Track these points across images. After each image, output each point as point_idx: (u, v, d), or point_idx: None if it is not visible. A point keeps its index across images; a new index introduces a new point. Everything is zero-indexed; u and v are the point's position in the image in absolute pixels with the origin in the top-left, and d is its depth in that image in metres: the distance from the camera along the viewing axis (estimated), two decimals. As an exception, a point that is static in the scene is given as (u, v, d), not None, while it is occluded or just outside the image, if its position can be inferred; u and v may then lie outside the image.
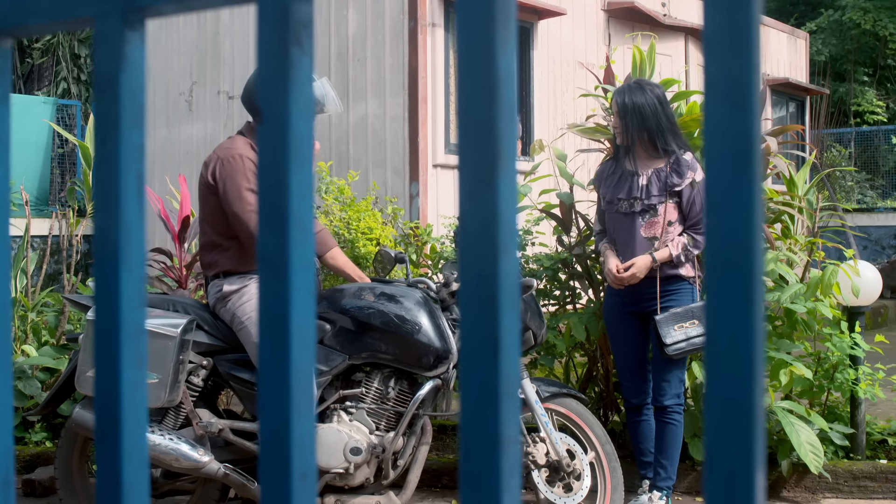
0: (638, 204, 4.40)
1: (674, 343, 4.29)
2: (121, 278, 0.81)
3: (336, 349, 4.05)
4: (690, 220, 4.43)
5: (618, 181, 4.48)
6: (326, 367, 4.01)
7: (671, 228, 4.41)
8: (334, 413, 4.02)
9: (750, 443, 0.60)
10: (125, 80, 0.81)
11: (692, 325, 4.31)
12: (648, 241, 4.40)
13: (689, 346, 4.31)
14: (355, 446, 3.93)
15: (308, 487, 0.74)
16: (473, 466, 0.66)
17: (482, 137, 0.66)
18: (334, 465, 3.93)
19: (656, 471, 4.48)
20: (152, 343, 3.81)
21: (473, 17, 0.66)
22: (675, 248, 4.37)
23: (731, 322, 0.60)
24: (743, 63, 0.60)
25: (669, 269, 4.42)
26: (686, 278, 4.45)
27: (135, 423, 0.82)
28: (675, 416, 4.46)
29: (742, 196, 0.59)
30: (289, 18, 0.73)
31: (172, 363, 3.81)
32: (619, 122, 4.41)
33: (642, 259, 4.36)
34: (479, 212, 0.66)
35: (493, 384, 0.66)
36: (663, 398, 4.45)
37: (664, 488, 4.46)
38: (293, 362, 0.73)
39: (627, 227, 4.44)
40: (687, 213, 4.42)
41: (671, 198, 4.39)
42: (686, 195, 4.39)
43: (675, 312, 4.34)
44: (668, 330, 4.29)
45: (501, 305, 0.66)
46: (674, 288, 4.44)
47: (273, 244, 0.74)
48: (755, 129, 0.60)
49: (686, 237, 4.39)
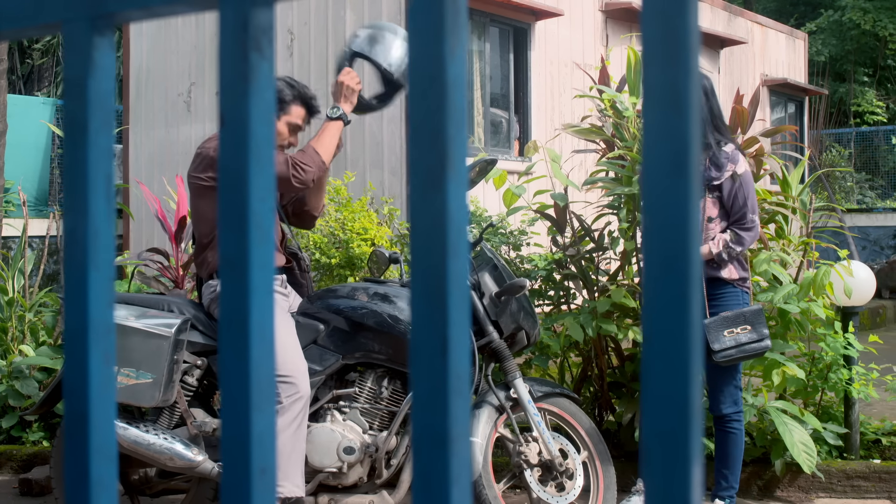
0: None
1: (722, 349, 4.12)
2: (89, 278, 0.83)
3: (330, 349, 4.07)
4: (734, 216, 4.23)
5: None
6: (320, 366, 4.03)
7: (711, 225, 4.23)
8: (328, 412, 4.04)
9: (686, 439, 0.62)
10: (93, 84, 0.83)
11: (744, 330, 4.14)
12: None
13: (740, 353, 4.15)
14: (349, 445, 3.95)
15: (268, 482, 0.76)
16: (423, 463, 0.68)
17: (431, 141, 0.68)
18: (328, 464, 3.95)
19: (718, 481, 4.35)
20: (147, 343, 3.83)
21: (423, 25, 0.68)
22: (717, 246, 4.18)
23: (668, 322, 0.62)
24: (680, 69, 0.61)
25: (712, 270, 4.24)
26: (730, 281, 4.26)
27: (103, 419, 0.84)
28: (734, 424, 4.31)
29: (678, 199, 0.61)
30: (249, 24, 0.75)
31: (167, 363, 3.83)
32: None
33: None
34: (428, 213, 0.68)
35: (441, 382, 0.68)
36: (721, 407, 4.29)
37: (726, 497, 4.34)
38: (252, 360, 0.75)
39: None
40: (729, 207, 4.23)
41: (710, 192, 4.22)
42: (727, 189, 4.20)
43: (725, 317, 4.16)
44: (718, 335, 4.12)
45: (450, 305, 0.68)
46: (719, 292, 4.26)
47: (233, 245, 0.75)
48: (692, 133, 0.62)
49: (729, 233, 4.21)
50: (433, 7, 0.68)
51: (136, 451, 3.90)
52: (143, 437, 3.91)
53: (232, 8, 0.75)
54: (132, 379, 3.82)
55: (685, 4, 0.61)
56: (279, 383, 3.80)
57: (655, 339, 0.62)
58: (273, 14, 0.77)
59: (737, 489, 4.37)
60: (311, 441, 3.94)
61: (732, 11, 12.46)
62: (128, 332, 3.83)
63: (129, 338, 3.83)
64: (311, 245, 5.90)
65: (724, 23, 12.11)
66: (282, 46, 8.73)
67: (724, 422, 4.31)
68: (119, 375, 3.81)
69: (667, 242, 0.61)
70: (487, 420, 4.13)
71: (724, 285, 4.26)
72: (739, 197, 4.20)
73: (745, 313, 4.17)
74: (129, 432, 3.91)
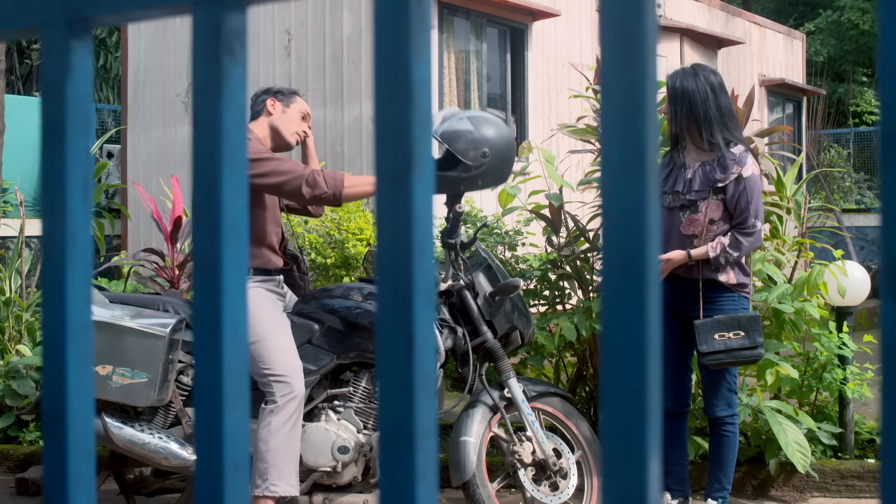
0: (679, 199, 4.20)
1: (710, 352, 4.08)
2: (67, 278, 0.84)
3: (324, 349, 4.08)
4: (735, 219, 4.17)
5: (668, 174, 4.27)
6: (315, 366, 4.05)
7: (713, 227, 4.16)
8: (322, 412, 4.06)
9: (643, 435, 0.63)
10: (71, 87, 0.84)
11: (736, 336, 4.09)
12: (688, 239, 4.19)
13: (730, 359, 4.10)
14: (343, 445, 3.96)
15: (240, 478, 0.77)
16: (390, 459, 0.70)
17: (397, 143, 0.69)
18: (322, 463, 3.96)
19: (711, 482, 4.33)
20: (141, 342, 3.84)
21: (389, 27, 0.69)
22: (714, 250, 4.12)
23: (625, 320, 0.63)
24: (637, 72, 0.63)
25: (710, 272, 4.19)
26: (727, 286, 4.20)
27: (81, 417, 0.85)
28: (728, 427, 4.28)
29: (636, 200, 0.63)
30: (221, 29, 0.76)
31: (161, 362, 3.83)
32: (668, 107, 4.21)
33: (677, 253, 4.15)
34: (394, 214, 0.69)
35: (407, 380, 0.69)
36: (715, 410, 4.26)
37: (719, 498, 4.32)
38: (225, 358, 0.76)
39: (667, 224, 4.24)
40: (732, 210, 4.17)
41: (715, 194, 4.15)
42: (731, 191, 4.14)
43: (718, 320, 4.12)
44: (707, 337, 4.08)
45: (415, 304, 0.69)
46: (715, 296, 4.20)
47: (206, 244, 0.77)
48: (649, 135, 0.63)
49: (729, 237, 4.15)
50: (398, 10, 0.69)
51: (131, 451, 3.91)
52: (138, 436, 3.92)
53: (205, 12, 0.77)
54: (127, 378, 3.83)
55: (642, 8, 0.63)
56: (274, 382, 3.82)
57: (613, 337, 0.63)
58: (246, 18, 0.78)
59: (730, 490, 4.37)
60: (306, 440, 3.96)
61: (730, 12, 12.48)
62: (123, 331, 3.84)
63: (124, 337, 3.84)
64: (307, 245, 5.92)
65: (722, 23, 12.12)
66: (279, 47, 8.74)
67: (717, 424, 4.30)
68: (114, 375, 3.82)
69: (624, 243, 0.63)
70: (481, 419, 4.15)
71: (721, 289, 4.21)
72: (742, 201, 4.14)
73: (740, 318, 4.12)
74: (124, 431, 3.92)
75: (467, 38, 8.81)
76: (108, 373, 3.81)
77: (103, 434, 3.91)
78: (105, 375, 3.81)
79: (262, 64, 8.79)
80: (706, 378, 4.30)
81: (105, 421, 3.92)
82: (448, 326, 4.14)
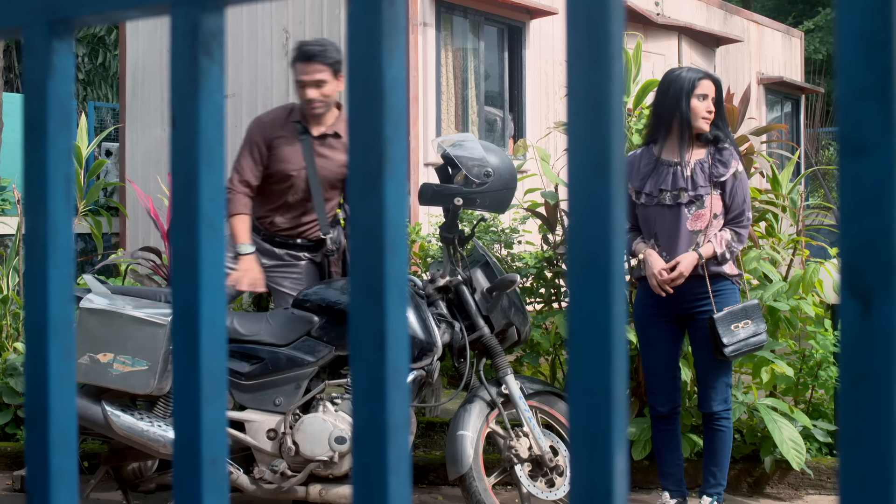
0: (685, 195, 4.21)
1: (732, 343, 4.13)
2: (48, 274, 0.85)
3: (323, 341, 4.11)
4: (732, 213, 4.25)
5: (655, 172, 4.28)
6: (313, 358, 4.08)
7: (716, 221, 4.23)
8: (320, 403, 4.08)
9: (609, 430, 0.64)
10: (52, 87, 0.85)
11: (745, 325, 4.15)
12: (694, 235, 4.23)
13: (746, 347, 4.16)
14: (340, 435, 3.98)
15: (218, 472, 0.79)
16: (362, 453, 0.71)
17: (369, 142, 0.70)
18: (319, 453, 3.98)
19: (706, 478, 4.35)
20: (142, 331, 3.86)
21: (362, 28, 0.70)
22: (720, 246, 4.19)
23: (591, 317, 0.64)
24: (602, 74, 0.64)
25: (713, 266, 4.24)
26: (729, 277, 4.28)
27: (63, 412, 0.86)
28: (723, 422, 4.30)
29: (601, 199, 0.64)
30: (199, 29, 0.77)
31: (162, 351, 3.85)
32: (713, 108, 4.24)
33: (688, 257, 4.18)
34: (367, 212, 0.70)
35: (379, 375, 0.70)
36: (711, 405, 4.28)
37: (714, 494, 4.34)
38: (203, 353, 0.77)
39: (671, 221, 4.25)
40: (729, 205, 4.25)
41: (715, 189, 4.22)
42: (729, 186, 4.23)
43: (731, 311, 4.17)
44: (727, 329, 4.13)
45: (388, 300, 0.70)
46: (719, 289, 4.26)
47: (184, 242, 0.78)
48: (615, 136, 0.64)
49: (729, 232, 4.23)
50: (371, 11, 0.70)
51: (130, 438, 3.93)
52: (136, 424, 3.94)
53: (182, 13, 0.78)
54: (128, 366, 3.86)
55: (608, 11, 0.64)
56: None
57: (579, 334, 0.64)
58: (223, 19, 0.79)
59: (725, 486, 4.39)
60: (303, 431, 3.98)
61: (728, 10, 12.48)
62: (124, 320, 3.87)
63: (126, 326, 3.86)
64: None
65: (721, 21, 12.13)
66: (277, 45, 8.75)
67: (712, 419, 4.32)
68: (115, 363, 3.85)
69: (590, 241, 0.64)
70: (479, 415, 4.17)
71: (723, 281, 4.27)
72: (740, 194, 4.24)
73: (746, 308, 4.20)
74: (123, 419, 3.93)
75: (465, 36, 8.82)
76: (108, 360, 3.84)
77: (102, 421, 3.93)
78: (106, 363, 3.84)
79: (260, 62, 8.80)
80: (704, 373, 4.31)
81: (104, 408, 3.94)
82: (445, 321, 4.17)
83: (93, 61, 16.40)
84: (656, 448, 4.47)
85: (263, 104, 8.72)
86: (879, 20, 0.61)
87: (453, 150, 4.22)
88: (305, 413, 4.05)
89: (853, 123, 0.60)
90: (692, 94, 4.24)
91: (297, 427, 3.99)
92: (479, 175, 4.14)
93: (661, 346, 4.34)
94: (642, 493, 4.97)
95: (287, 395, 4.07)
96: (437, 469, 5.09)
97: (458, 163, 4.20)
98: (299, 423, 3.99)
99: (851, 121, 0.60)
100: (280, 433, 4.02)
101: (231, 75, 9.05)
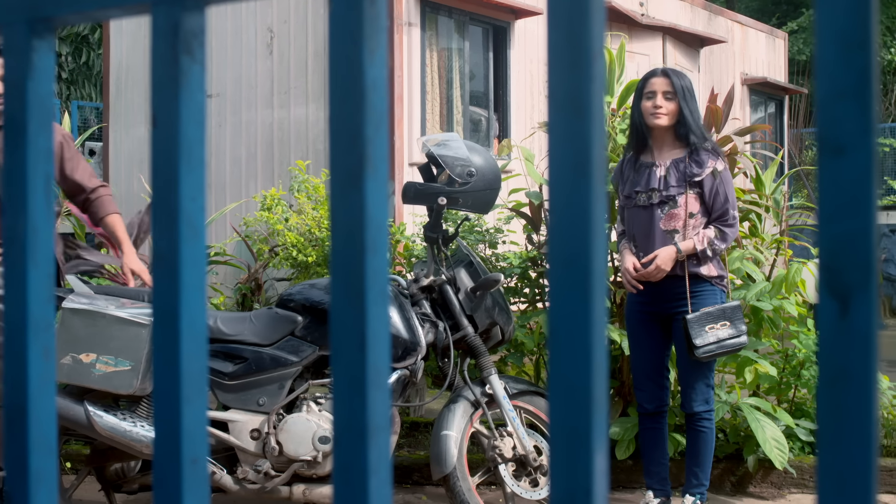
0: (656, 195, 4.24)
1: (704, 345, 4.13)
2: (28, 274, 0.85)
3: (307, 340, 4.10)
4: (715, 213, 4.26)
5: (635, 174, 4.32)
6: (297, 358, 4.07)
7: (692, 221, 4.23)
8: (304, 403, 4.07)
9: (589, 430, 0.64)
10: (32, 86, 0.85)
11: (723, 326, 4.15)
12: (668, 235, 4.24)
13: (720, 349, 4.16)
14: (324, 435, 3.98)
15: (198, 472, 0.78)
16: (343, 454, 0.71)
17: (350, 142, 0.70)
18: (303, 453, 3.97)
19: (688, 478, 4.37)
20: (125, 331, 3.84)
21: (343, 27, 0.70)
22: (701, 243, 4.19)
23: (571, 316, 0.64)
24: (582, 75, 0.64)
25: (692, 266, 4.25)
26: (708, 279, 4.26)
27: (42, 412, 0.86)
28: (705, 423, 4.31)
29: (581, 199, 0.64)
30: (179, 28, 0.77)
31: (145, 351, 3.84)
32: (665, 103, 4.23)
33: (665, 250, 4.19)
34: (347, 211, 0.70)
35: (360, 376, 0.70)
36: (692, 405, 4.29)
37: (697, 493, 4.36)
38: (183, 354, 0.77)
39: (646, 221, 4.28)
40: (711, 204, 4.25)
41: (692, 188, 4.22)
42: (708, 185, 4.23)
43: (707, 312, 4.17)
44: (700, 331, 4.13)
45: (368, 300, 0.70)
46: (698, 289, 4.26)
47: (165, 242, 0.78)
48: (595, 136, 0.64)
49: (713, 230, 4.23)
50: (352, 11, 0.70)
51: (112, 439, 3.92)
52: (120, 424, 3.92)
53: (163, 12, 0.77)
54: (111, 366, 3.84)
55: (588, 12, 0.64)
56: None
57: (559, 333, 0.64)
58: (204, 18, 0.79)
59: (707, 486, 4.40)
60: (287, 431, 3.97)
61: (713, 11, 12.52)
62: (107, 320, 3.85)
63: (109, 326, 3.85)
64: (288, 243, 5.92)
65: (705, 22, 12.16)
66: (261, 45, 8.73)
67: (694, 420, 4.33)
68: (97, 363, 3.83)
69: (570, 240, 0.64)
70: (463, 415, 4.17)
71: (702, 282, 4.27)
72: (721, 193, 4.24)
73: (724, 309, 4.19)
74: (105, 419, 3.92)
75: (450, 36, 8.82)
76: (91, 361, 3.82)
77: (85, 422, 3.91)
78: (89, 363, 3.82)
79: (244, 62, 8.78)
80: (685, 373, 4.32)
81: (87, 409, 3.92)
82: (429, 321, 4.17)
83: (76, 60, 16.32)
84: (642, 446, 4.48)
85: (248, 103, 8.71)
86: (858, 21, 0.61)
87: (437, 149, 4.24)
88: (289, 413, 4.04)
89: (832, 124, 0.61)
90: (643, 95, 4.31)
91: (281, 427, 3.98)
92: (462, 175, 4.15)
93: (648, 343, 4.37)
94: (626, 493, 4.98)
95: (271, 395, 4.06)
96: (422, 469, 5.09)
97: (441, 162, 4.21)
98: (283, 422, 3.98)
99: (830, 121, 0.60)
100: (264, 433, 4.01)
101: (215, 74, 9.02)
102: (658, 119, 4.26)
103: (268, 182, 8.36)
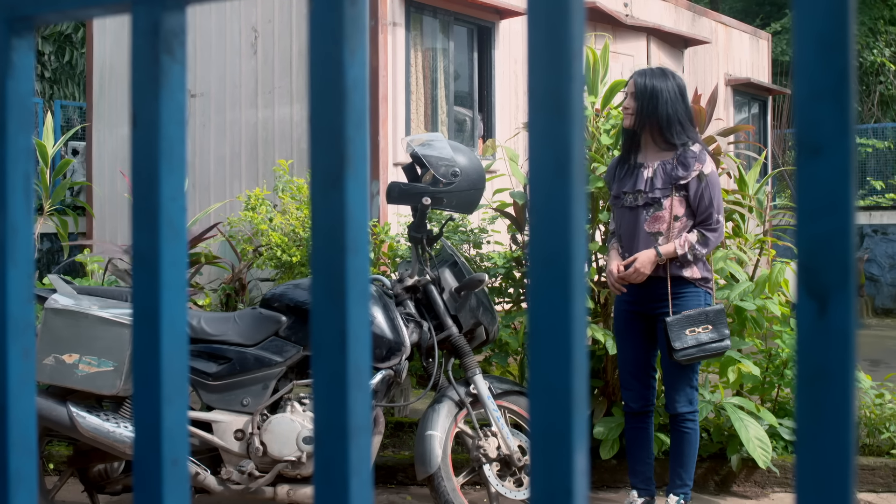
0: (641, 197, 4.24)
1: (683, 348, 4.12)
2: (7, 274, 0.84)
3: (291, 341, 4.10)
4: (699, 216, 4.24)
5: (625, 175, 4.33)
6: (281, 358, 4.06)
7: (677, 224, 4.23)
8: (288, 403, 4.07)
9: (569, 429, 0.64)
10: (12, 85, 0.84)
11: (705, 329, 4.14)
12: (653, 237, 4.24)
13: (700, 352, 4.15)
14: (308, 435, 3.97)
15: (179, 473, 0.78)
16: (324, 454, 0.71)
17: (331, 141, 0.70)
18: (287, 453, 3.96)
19: (672, 478, 4.37)
20: (108, 331, 3.83)
21: (323, 27, 0.70)
22: (682, 247, 4.19)
23: (551, 315, 0.64)
24: (562, 74, 0.64)
25: (675, 269, 4.24)
26: (692, 281, 4.25)
27: (22, 413, 0.85)
28: (689, 423, 4.31)
29: (562, 199, 0.64)
30: (160, 28, 0.77)
31: (129, 352, 3.83)
32: (632, 103, 4.26)
33: (645, 254, 4.19)
34: (327, 211, 0.70)
35: (341, 376, 0.70)
36: (676, 406, 4.30)
37: (680, 494, 4.36)
38: (164, 354, 0.77)
39: (632, 222, 4.29)
40: (695, 207, 4.24)
41: (677, 191, 4.23)
42: (693, 188, 4.21)
43: (687, 315, 4.16)
44: (679, 334, 4.12)
45: (349, 300, 0.70)
46: (681, 291, 4.26)
47: (145, 242, 0.77)
48: (575, 136, 0.64)
49: (695, 234, 4.22)
50: (332, 10, 0.70)
51: (96, 440, 3.90)
52: (103, 425, 3.91)
53: (143, 11, 0.77)
54: (94, 367, 3.83)
55: (569, 12, 0.64)
56: None
57: (539, 332, 0.65)
58: (185, 18, 0.79)
59: (691, 486, 4.41)
60: (271, 431, 3.97)
61: (696, 11, 12.56)
62: (90, 320, 3.84)
63: (92, 326, 3.83)
64: (272, 243, 5.91)
65: (689, 23, 12.20)
66: (246, 44, 8.71)
67: (678, 421, 4.33)
68: (80, 363, 3.82)
69: (550, 240, 0.64)
70: (447, 415, 4.17)
71: (685, 284, 4.26)
72: (706, 197, 4.22)
73: (707, 312, 4.18)
74: (89, 420, 3.90)
75: (434, 36, 8.82)
76: (74, 361, 3.81)
77: (68, 423, 3.90)
78: (71, 364, 3.81)
79: (228, 61, 8.75)
80: (669, 374, 4.33)
81: (70, 410, 3.90)
82: (414, 321, 4.17)
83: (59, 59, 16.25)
84: (627, 445, 4.49)
85: (232, 103, 8.68)
86: (836, 22, 0.61)
87: (422, 149, 4.24)
88: (273, 413, 4.04)
89: (810, 124, 0.61)
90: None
91: (265, 427, 3.97)
92: (446, 175, 4.16)
93: (635, 343, 4.37)
94: (610, 493, 4.99)
95: (255, 396, 4.05)
96: (406, 469, 5.09)
97: (426, 162, 4.21)
98: (267, 423, 3.97)
99: (808, 122, 0.60)
100: (248, 433, 4.00)
101: (199, 74, 9.00)
102: (625, 119, 4.31)
103: (252, 182, 8.34)
